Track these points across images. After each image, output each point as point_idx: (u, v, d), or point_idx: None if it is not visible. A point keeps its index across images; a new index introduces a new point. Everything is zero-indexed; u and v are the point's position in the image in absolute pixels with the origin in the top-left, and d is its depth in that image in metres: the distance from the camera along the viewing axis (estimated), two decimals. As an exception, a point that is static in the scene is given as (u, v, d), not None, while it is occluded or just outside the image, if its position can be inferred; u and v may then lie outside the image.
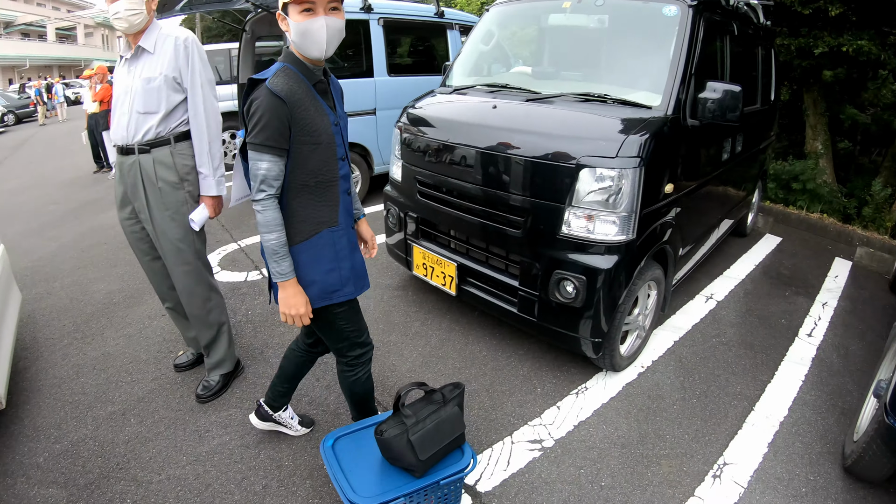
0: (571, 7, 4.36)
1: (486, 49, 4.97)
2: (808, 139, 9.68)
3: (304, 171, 2.34)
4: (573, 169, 3.31)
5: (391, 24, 7.42)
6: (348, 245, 2.54)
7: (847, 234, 7.67)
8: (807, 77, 9.29)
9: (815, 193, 8.78)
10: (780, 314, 5.15)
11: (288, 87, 2.23)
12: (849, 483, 3.20)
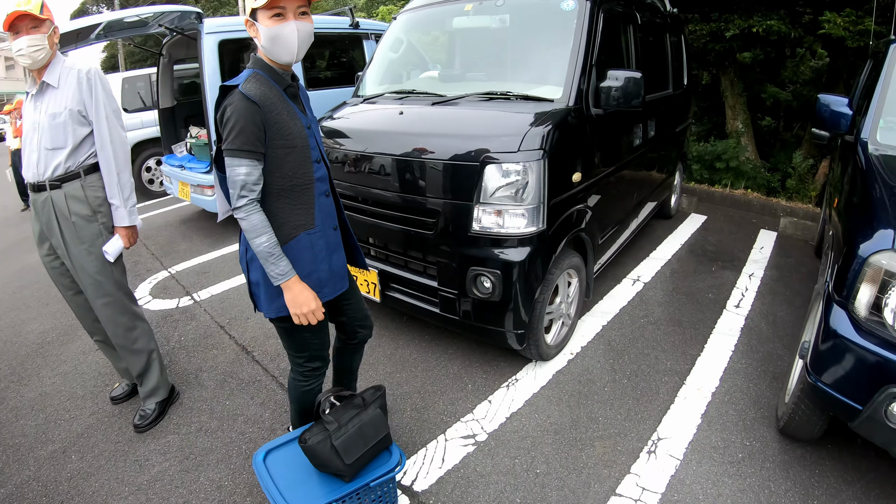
0: (473, 9, 4.44)
1: (395, 56, 5.01)
2: (729, 119, 9.94)
3: (280, 174, 2.33)
4: (478, 166, 3.36)
5: (312, 38, 7.41)
6: (325, 247, 2.53)
7: (771, 207, 7.90)
8: (722, 60, 9.55)
9: (738, 171, 9.03)
10: (707, 289, 5.29)
11: (261, 91, 2.24)
12: (785, 444, 3.31)
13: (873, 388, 2.49)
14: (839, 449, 3.29)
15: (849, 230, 3.02)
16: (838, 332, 2.66)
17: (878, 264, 2.56)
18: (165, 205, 9.28)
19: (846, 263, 2.77)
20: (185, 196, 7.14)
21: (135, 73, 10.20)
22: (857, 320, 2.63)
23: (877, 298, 2.56)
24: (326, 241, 2.53)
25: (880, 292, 2.55)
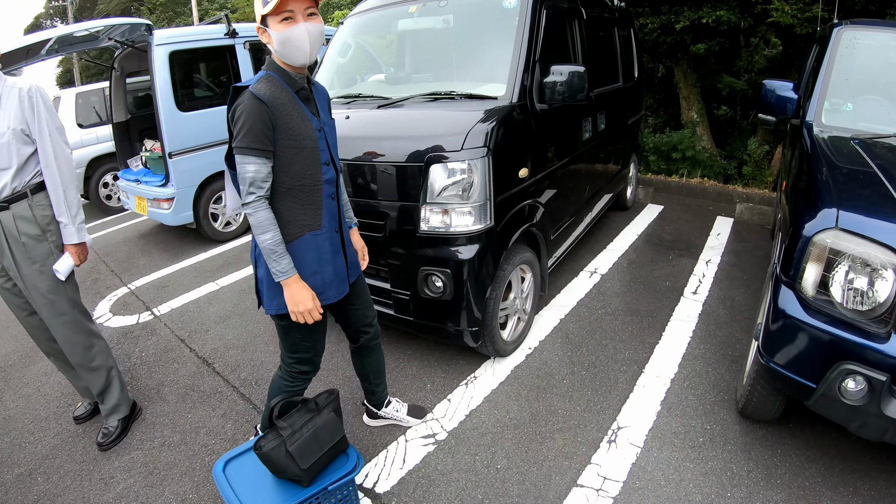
0: (417, 11, 4.46)
1: (343, 61, 5.01)
2: (684, 110, 10.08)
3: (288, 174, 2.38)
4: (423, 166, 3.39)
5: (258, 47, 7.43)
6: (331, 249, 2.57)
7: (728, 194, 8.02)
8: (674, 52, 9.67)
9: (695, 160, 9.15)
10: (664, 278, 5.37)
11: (270, 91, 2.29)
12: (745, 426, 3.38)
13: (826, 366, 2.55)
14: (801, 427, 3.36)
15: (795, 211, 3.08)
16: (787, 312, 2.71)
17: (822, 243, 2.61)
18: (123, 220, 9.18)
19: (792, 244, 2.82)
20: (143, 210, 7.07)
21: (89, 88, 10.07)
22: (805, 300, 2.68)
23: (823, 277, 2.61)
24: (331, 242, 2.58)
25: (826, 271, 2.60)
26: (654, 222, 7.12)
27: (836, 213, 2.64)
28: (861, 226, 2.57)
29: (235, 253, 6.75)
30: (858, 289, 2.53)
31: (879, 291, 2.48)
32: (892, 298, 2.45)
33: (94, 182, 9.79)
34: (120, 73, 7.69)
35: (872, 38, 4.47)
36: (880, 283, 2.48)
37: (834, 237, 2.59)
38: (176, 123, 6.47)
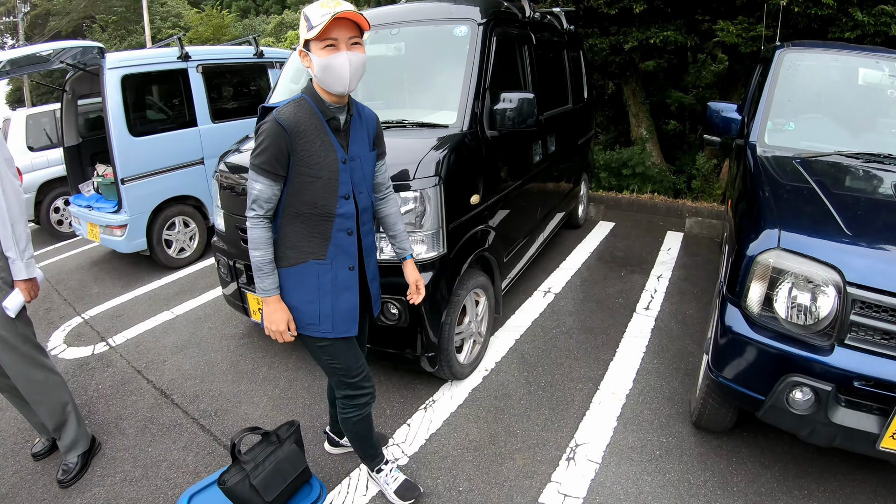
0: (370, 38, 4.50)
1: (297, 87, 5.04)
2: (633, 127, 10.29)
3: (299, 200, 2.38)
4: None
5: (210, 70, 7.42)
6: (332, 282, 2.52)
7: (678, 209, 8.21)
8: (623, 71, 9.89)
9: (645, 175, 9.35)
10: (616, 294, 5.48)
11: (294, 117, 2.30)
12: (701, 437, 3.49)
13: (773, 379, 2.68)
14: (754, 435, 3.50)
15: (739, 231, 3.23)
16: (734, 329, 2.84)
17: (765, 263, 2.75)
18: (75, 246, 8.99)
19: (736, 263, 2.95)
20: (95, 237, 6.97)
21: (40, 110, 9.88)
22: (751, 317, 2.81)
23: (767, 294, 2.74)
24: (335, 276, 2.53)
25: (770, 289, 2.73)
26: (605, 239, 7.25)
27: (778, 234, 2.77)
28: (802, 245, 2.71)
29: (190, 280, 6.68)
30: (802, 305, 2.66)
31: (822, 307, 2.61)
32: (834, 313, 2.58)
33: (44, 207, 9.57)
34: (71, 95, 7.58)
35: (813, 59, 4.69)
36: (822, 299, 2.61)
37: (776, 257, 2.72)
38: (128, 148, 6.41)
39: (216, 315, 5.56)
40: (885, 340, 2.53)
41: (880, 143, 4.07)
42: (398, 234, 2.89)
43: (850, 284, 2.56)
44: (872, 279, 2.54)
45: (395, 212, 2.88)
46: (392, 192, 2.87)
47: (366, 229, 2.63)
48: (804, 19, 7.33)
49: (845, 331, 2.57)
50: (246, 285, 4.26)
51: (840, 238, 2.71)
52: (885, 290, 2.51)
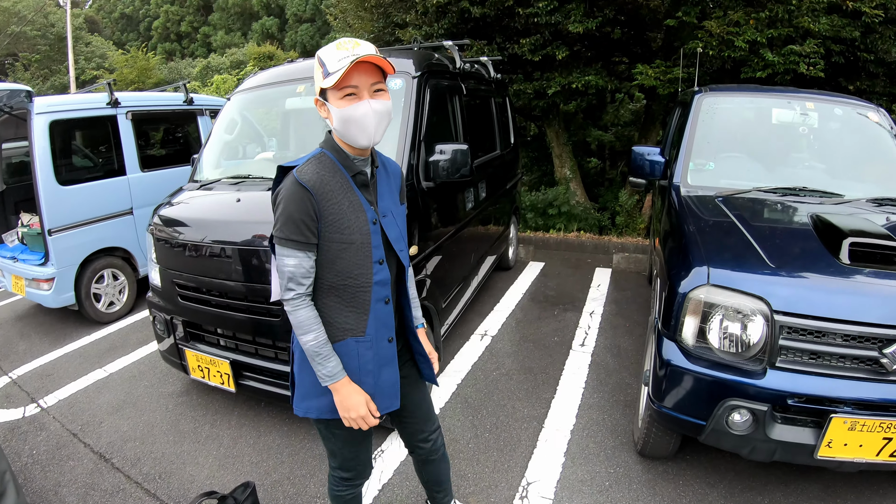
0: (305, 90, 4.55)
1: (230, 138, 5.04)
2: (557, 167, 10.61)
3: (332, 271, 2.13)
4: None
5: (140, 117, 7.30)
6: (374, 359, 2.25)
7: (604, 245, 8.48)
8: (547, 114, 10.25)
9: (570, 214, 9.65)
10: (552, 333, 5.60)
11: (318, 175, 2.07)
12: (647, 464, 3.62)
13: (712, 404, 2.87)
14: (698, 457, 3.65)
15: (669, 269, 3.40)
16: (672, 362, 3.02)
17: (697, 298, 2.94)
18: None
19: (670, 300, 3.14)
20: (20, 290, 6.70)
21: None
22: (687, 349, 2.99)
23: (700, 327, 2.93)
24: (377, 352, 2.26)
25: (703, 322, 2.92)
26: (536, 279, 7.42)
27: (706, 271, 2.97)
28: (730, 280, 2.91)
29: (121, 335, 6.48)
30: (733, 335, 2.86)
31: (752, 335, 2.82)
32: (764, 340, 2.80)
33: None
34: (-5, 139, 7.37)
35: (730, 102, 5.02)
36: (752, 328, 2.82)
37: (707, 292, 2.91)
38: (56, 198, 6.21)
39: (152, 372, 5.41)
40: (813, 360, 2.76)
41: (795, 177, 4.36)
42: (411, 298, 2.57)
43: (777, 312, 2.77)
44: (796, 306, 2.77)
45: (410, 275, 2.56)
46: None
47: (404, 301, 2.43)
48: (718, 61, 7.80)
49: (776, 354, 2.79)
50: (184, 341, 4.20)
51: (764, 270, 2.93)
52: (808, 315, 2.74)
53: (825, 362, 2.75)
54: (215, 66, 43.53)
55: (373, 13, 10.18)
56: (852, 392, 2.69)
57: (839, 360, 2.75)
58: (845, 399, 2.70)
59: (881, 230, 3.26)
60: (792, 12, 7.36)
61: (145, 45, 50.01)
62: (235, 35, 62.64)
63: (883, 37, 7.71)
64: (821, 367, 2.75)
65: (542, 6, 7.87)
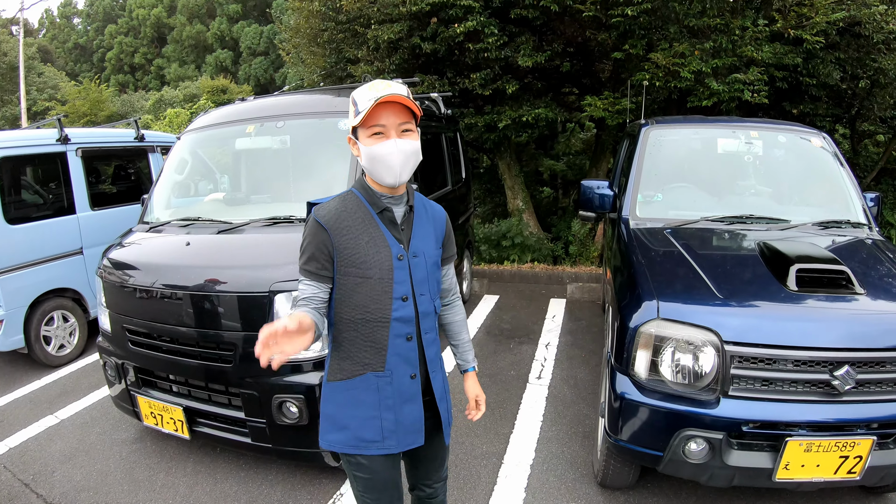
0: (255, 131, 4.54)
1: (181, 179, 4.98)
2: (510, 199, 10.70)
3: (349, 305, 2.15)
4: (267, 296, 3.44)
5: (90, 154, 7.14)
6: (395, 394, 2.21)
7: (558, 276, 8.54)
8: (498, 146, 10.35)
9: (524, 245, 9.72)
10: (508, 367, 5.59)
11: (335, 212, 2.12)
12: (608, 495, 3.63)
13: (668, 435, 2.90)
14: (659, 485, 3.68)
15: (619, 302, 3.44)
16: (626, 396, 3.06)
17: (648, 332, 2.98)
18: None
19: (621, 335, 3.18)
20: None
21: None
22: (640, 382, 3.02)
23: (652, 361, 2.97)
24: (397, 388, 2.22)
25: (654, 355, 2.96)
26: (491, 313, 7.42)
27: (656, 305, 3.01)
28: (680, 313, 2.96)
29: (72, 379, 6.27)
30: (685, 367, 2.91)
31: (704, 366, 2.87)
32: (716, 370, 2.84)
33: None
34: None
35: (675, 134, 5.12)
36: (703, 359, 2.87)
37: (657, 326, 2.96)
38: (5, 237, 6.04)
39: (104, 418, 5.23)
40: (766, 386, 2.83)
41: (742, 204, 4.45)
42: (461, 343, 2.60)
43: (727, 343, 2.83)
44: (746, 335, 2.84)
45: (461, 320, 2.59)
46: (459, 299, 2.61)
47: (429, 338, 2.31)
48: (665, 91, 8.00)
49: (728, 383, 2.84)
50: (135, 388, 4.10)
51: (713, 301, 3.00)
52: (758, 343, 2.81)
53: (778, 388, 2.83)
54: (168, 99, 43.22)
55: (325, 49, 10.20)
56: (806, 415, 2.77)
57: (791, 384, 2.82)
58: (799, 422, 2.78)
59: (827, 254, 3.36)
60: (735, 42, 7.62)
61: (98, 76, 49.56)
62: (189, 68, 62.56)
63: (824, 61, 8.06)
64: (773, 393, 2.82)
65: (491, 41, 7.99)
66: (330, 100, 4.52)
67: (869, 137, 11.85)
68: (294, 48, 11.81)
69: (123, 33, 68.10)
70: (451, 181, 6.66)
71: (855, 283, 3.03)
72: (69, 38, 72.71)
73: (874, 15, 7.46)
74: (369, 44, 8.88)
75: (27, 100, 30.01)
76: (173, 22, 65.51)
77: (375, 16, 8.46)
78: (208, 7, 65.15)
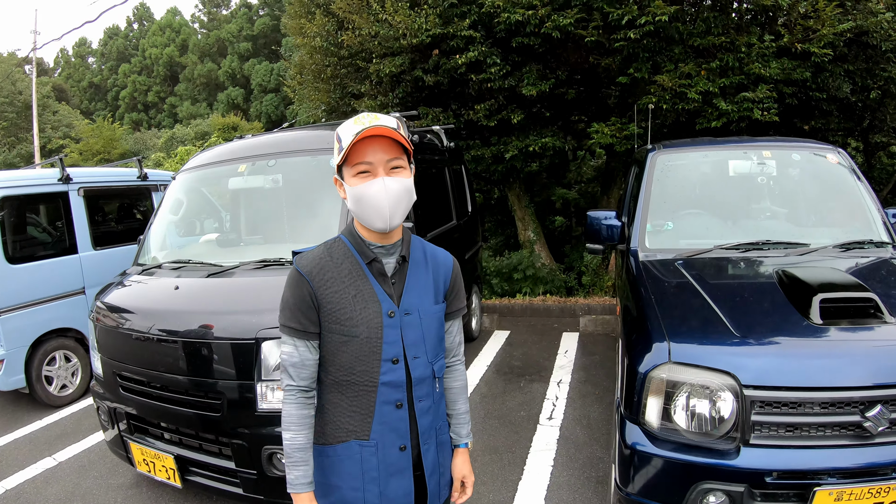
0: (247, 170, 4.42)
1: (175, 219, 4.88)
2: (520, 231, 10.55)
3: (334, 365, 1.92)
4: (254, 344, 3.29)
5: (93, 193, 7.11)
6: (380, 466, 1.96)
7: (571, 309, 8.35)
8: (506, 178, 10.20)
9: (536, 277, 9.54)
10: (518, 407, 5.38)
11: (318, 261, 1.91)
12: None
13: (684, 489, 2.65)
14: None
15: (628, 344, 3.23)
16: (637, 447, 2.81)
17: (659, 378, 2.74)
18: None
19: (630, 380, 2.94)
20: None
21: None
22: (651, 432, 2.78)
23: (665, 408, 2.73)
24: (382, 460, 1.98)
25: (667, 402, 2.72)
26: (502, 349, 7.22)
27: (667, 347, 2.79)
28: (693, 356, 2.73)
29: (73, 421, 6.13)
30: (701, 414, 2.67)
31: (721, 413, 2.62)
32: (735, 416, 2.60)
33: None
34: None
35: (683, 158, 4.90)
36: (721, 405, 2.62)
37: (669, 371, 2.73)
38: (6, 276, 6.01)
39: (101, 462, 5.07)
40: (790, 432, 2.58)
41: (757, 229, 4.23)
42: (457, 414, 2.25)
43: (747, 387, 2.59)
44: (767, 378, 2.61)
45: (459, 387, 2.26)
46: (461, 363, 2.29)
47: (422, 406, 2.04)
48: (672, 114, 7.86)
49: (749, 431, 2.60)
50: (128, 434, 3.96)
51: (730, 341, 2.78)
52: (781, 387, 2.58)
53: (804, 433, 2.59)
54: (180, 136, 43.78)
55: (329, 84, 10.17)
56: (836, 462, 2.53)
57: (818, 429, 2.58)
58: (829, 470, 2.53)
59: (852, 280, 3.12)
60: (742, 59, 7.48)
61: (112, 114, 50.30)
62: (201, 105, 63.60)
63: (833, 74, 7.94)
64: (799, 439, 2.59)
65: (494, 71, 7.90)
66: (324, 136, 4.39)
67: (882, 149, 11.71)
68: (299, 85, 11.82)
69: (137, 72, 69.52)
70: (455, 215, 6.52)
71: (884, 311, 2.80)
72: (84, 76, 74.37)
73: (881, 23, 7.38)
74: (372, 78, 8.84)
75: (42, 138, 30.46)
76: (185, 61, 66.80)
77: (377, 50, 8.40)
78: (219, 46, 66.38)
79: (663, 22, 7.02)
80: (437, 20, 7.68)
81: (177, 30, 69.31)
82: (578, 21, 7.45)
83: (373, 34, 8.25)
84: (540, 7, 7.29)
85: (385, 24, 8.01)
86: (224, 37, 65.53)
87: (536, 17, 7.34)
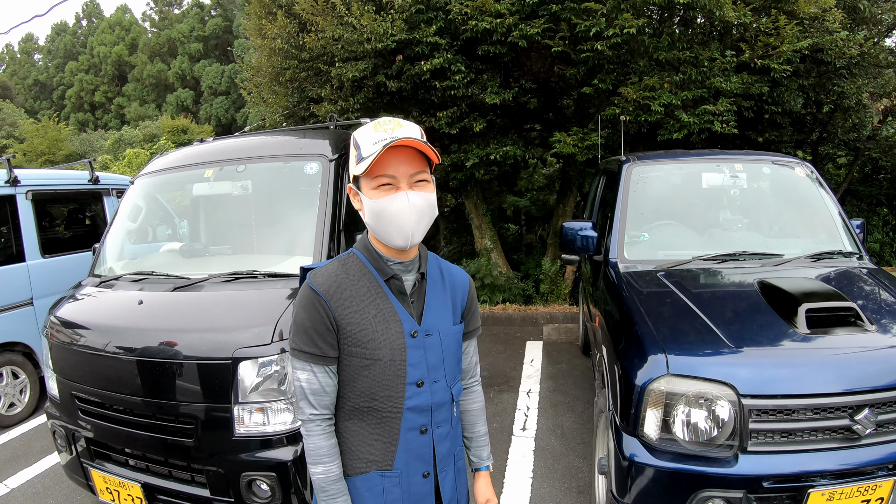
0: (214, 175, 4.22)
1: (134, 227, 4.64)
2: (477, 239, 10.52)
3: (353, 391, 1.79)
4: (230, 364, 3.09)
5: (42, 198, 6.71)
6: (403, 497, 1.85)
7: (532, 317, 8.37)
8: (465, 186, 10.15)
9: (494, 286, 9.56)
10: (490, 418, 5.26)
11: (335, 278, 1.77)
12: None
13: (684, 498, 2.72)
14: None
15: (620, 356, 3.19)
16: (635, 459, 2.83)
17: (658, 390, 2.77)
18: None
19: (626, 394, 2.94)
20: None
21: None
22: (650, 444, 2.81)
23: (664, 420, 2.76)
24: (406, 490, 1.86)
25: (665, 413, 2.75)
26: (467, 360, 7.12)
27: (664, 359, 2.79)
28: (691, 367, 2.77)
29: (23, 442, 5.78)
30: (700, 424, 2.72)
31: (720, 422, 2.69)
32: (733, 425, 2.67)
33: None
34: None
35: (658, 169, 4.94)
36: (719, 415, 2.69)
37: (668, 383, 2.75)
38: None
39: (57, 488, 4.76)
40: (785, 438, 2.70)
41: (731, 240, 4.32)
42: (476, 437, 2.16)
43: (745, 396, 2.66)
44: (764, 387, 2.69)
45: (478, 409, 2.18)
46: (478, 384, 2.21)
47: (440, 432, 1.91)
48: (635, 125, 7.96)
49: (746, 439, 2.68)
50: (88, 460, 3.69)
51: (725, 351, 2.82)
52: (777, 395, 2.67)
53: (797, 438, 2.71)
54: (128, 139, 42.72)
55: (287, 87, 9.96)
56: (828, 464, 2.65)
57: (811, 433, 2.70)
58: (822, 472, 2.64)
59: (831, 290, 3.27)
60: (705, 73, 7.65)
61: (58, 114, 49.00)
62: (150, 107, 62.27)
63: (789, 89, 8.32)
64: (793, 444, 2.71)
65: (458, 79, 7.85)
66: (294, 141, 4.24)
67: (831, 161, 12.44)
68: (255, 87, 11.56)
69: (84, 70, 67.70)
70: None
71: (864, 318, 2.95)
72: (29, 74, 72.39)
73: (836, 41, 7.69)
74: (333, 82, 8.68)
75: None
76: (134, 60, 65.30)
77: (339, 53, 8.25)
78: (170, 46, 65.15)
79: (630, 35, 7.08)
80: (403, 25, 7.58)
81: (127, 28, 67.61)
82: (545, 31, 7.47)
83: (336, 37, 8.10)
84: (508, 16, 7.27)
85: (350, 28, 7.88)
86: (175, 37, 64.22)
87: (504, 26, 7.32)
